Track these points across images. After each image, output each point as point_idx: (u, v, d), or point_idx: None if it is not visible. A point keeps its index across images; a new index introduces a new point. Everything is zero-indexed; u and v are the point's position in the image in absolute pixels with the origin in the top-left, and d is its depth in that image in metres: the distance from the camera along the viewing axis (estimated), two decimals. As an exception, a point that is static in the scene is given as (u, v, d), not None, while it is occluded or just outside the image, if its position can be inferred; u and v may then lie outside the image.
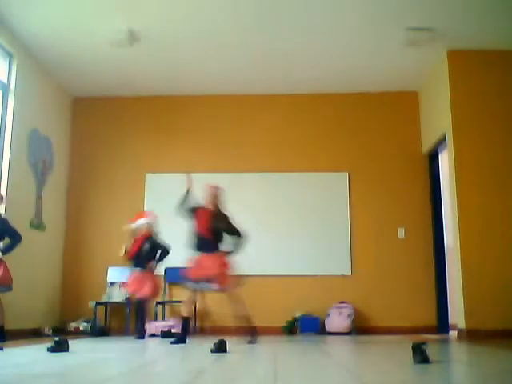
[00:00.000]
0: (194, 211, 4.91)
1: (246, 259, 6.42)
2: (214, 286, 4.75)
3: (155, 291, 5.77)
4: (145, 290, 5.61)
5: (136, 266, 5.69)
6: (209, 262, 4.76)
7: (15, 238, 4.85)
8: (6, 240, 4.85)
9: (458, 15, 5.27)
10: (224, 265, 4.79)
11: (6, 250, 4.83)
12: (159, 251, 5.73)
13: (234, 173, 6.88)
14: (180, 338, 4.76)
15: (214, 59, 6.21)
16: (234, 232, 4.88)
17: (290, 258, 6.66)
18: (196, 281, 4.76)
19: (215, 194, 4.96)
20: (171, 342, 4.71)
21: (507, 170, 5.67)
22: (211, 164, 6.90)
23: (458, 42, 5.78)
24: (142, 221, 5.77)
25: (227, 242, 4.88)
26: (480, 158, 5.71)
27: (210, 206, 4.92)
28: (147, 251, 5.69)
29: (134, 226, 5.78)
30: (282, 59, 6.22)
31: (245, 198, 6.76)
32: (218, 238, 4.86)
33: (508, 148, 5.71)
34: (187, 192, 5.00)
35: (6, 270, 4.81)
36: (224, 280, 4.75)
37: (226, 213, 4.94)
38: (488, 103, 5.81)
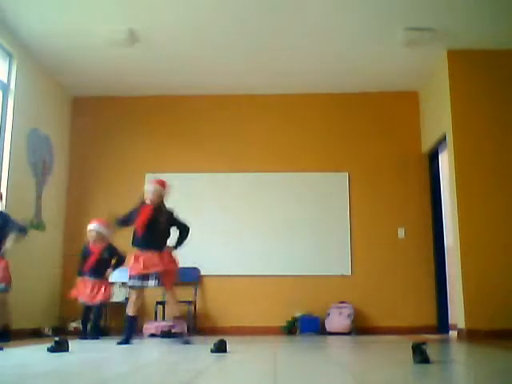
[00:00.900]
0: (136, 210, 4.82)
1: (245, 259, 6.44)
2: (158, 282, 4.63)
3: (109, 297, 5.73)
4: (101, 297, 5.56)
5: (92, 275, 5.58)
6: (155, 258, 4.64)
7: (22, 231, 4.86)
8: (11, 236, 4.83)
9: (458, 15, 5.27)
10: (171, 262, 4.72)
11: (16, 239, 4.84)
12: (115, 258, 5.69)
13: (234, 173, 6.88)
14: (125, 340, 4.66)
15: (214, 59, 6.21)
16: (181, 227, 4.80)
17: (289, 257, 6.66)
18: (139, 277, 4.64)
19: (160, 189, 4.82)
20: (118, 343, 4.61)
21: (507, 170, 5.67)
22: (211, 164, 6.90)
23: (458, 42, 5.78)
24: (97, 227, 5.64)
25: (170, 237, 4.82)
26: (480, 157, 5.71)
27: (154, 202, 4.78)
28: (106, 260, 5.64)
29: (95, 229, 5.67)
30: (282, 59, 6.22)
31: (245, 198, 6.77)
32: (165, 234, 4.77)
33: (508, 148, 5.71)
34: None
35: (6, 269, 4.80)
36: (169, 277, 4.69)
37: (169, 208, 4.84)
38: (488, 103, 5.81)
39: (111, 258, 5.68)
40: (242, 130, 7.05)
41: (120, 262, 5.70)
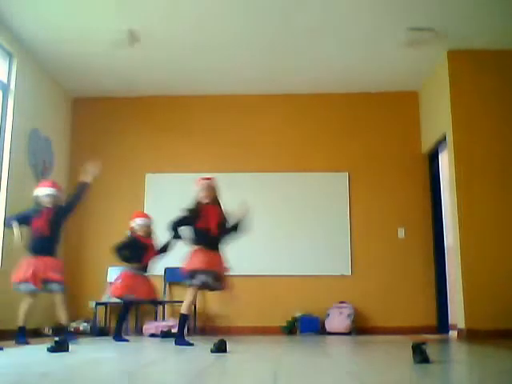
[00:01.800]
0: (196, 210, 4.69)
1: (245, 259, 6.44)
2: (216, 283, 4.57)
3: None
4: (145, 292, 5.31)
5: (144, 269, 5.31)
6: (215, 259, 4.60)
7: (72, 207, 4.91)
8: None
9: (458, 15, 5.27)
10: (225, 264, 4.69)
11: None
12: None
13: (234, 173, 6.88)
14: (178, 338, 4.52)
15: (214, 59, 6.21)
16: (237, 227, 4.74)
17: (289, 257, 6.66)
18: (198, 273, 4.51)
19: (209, 185, 4.75)
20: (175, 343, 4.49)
21: (507, 170, 5.67)
22: (211, 164, 6.89)
23: (458, 42, 5.78)
24: (148, 221, 5.42)
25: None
26: (480, 157, 5.71)
27: (208, 200, 4.71)
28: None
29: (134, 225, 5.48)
30: (282, 59, 6.22)
31: (245, 198, 6.76)
32: (224, 233, 4.72)
33: (508, 148, 5.71)
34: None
35: (61, 269, 4.74)
36: (224, 279, 4.64)
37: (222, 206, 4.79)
38: (488, 103, 5.81)
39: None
40: (242, 130, 7.05)
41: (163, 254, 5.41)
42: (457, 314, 5.72)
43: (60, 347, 3.68)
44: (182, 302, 6.34)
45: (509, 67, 5.86)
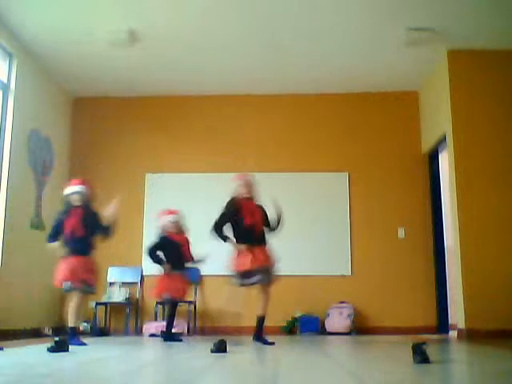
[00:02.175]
0: (236, 206, 4.65)
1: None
2: (265, 278, 4.51)
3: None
4: (180, 291, 5.18)
5: (180, 268, 5.19)
6: (263, 254, 4.57)
7: (107, 233, 4.72)
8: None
9: (458, 15, 5.27)
10: (272, 258, 4.65)
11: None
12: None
13: (234, 173, 6.85)
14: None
15: (214, 59, 6.21)
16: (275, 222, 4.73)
17: (289, 257, 6.63)
18: (248, 274, 4.48)
19: (248, 181, 4.75)
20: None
21: (507, 170, 5.67)
22: (211, 164, 6.90)
23: (458, 42, 5.78)
24: (177, 217, 5.30)
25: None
26: (480, 157, 5.71)
27: (247, 195, 4.69)
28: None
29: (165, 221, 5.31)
30: (281, 59, 6.22)
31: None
32: (267, 228, 4.69)
33: (508, 148, 5.71)
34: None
35: (94, 270, 4.68)
36: (272, 272, 4.57)
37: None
38: (488, 103, 5.81)
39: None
40: (243, 130, 7.05)
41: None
42: (457, 314, 5.72)
43: (60, 347, 3.68)
44: (182, 302, 6.31)
45: (509, 67, 5.86)
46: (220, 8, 5.17)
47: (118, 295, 6.43)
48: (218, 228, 4.68)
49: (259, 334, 4.64)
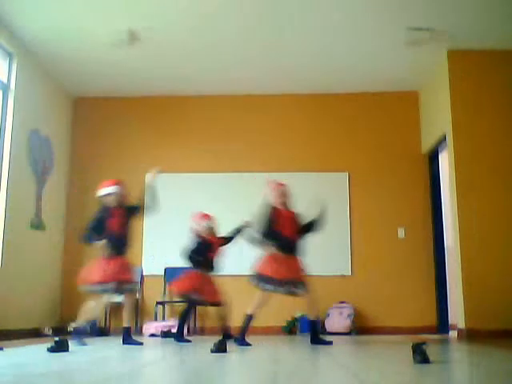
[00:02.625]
0: (272, 214, 4.59)
1: (245, 259, 6.42)
2: (299, 289, 4.48)
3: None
4: (210, 294, 5.11)
5: (212, 269, 5.18)
6: (292, 265, 4.52)
7: (138, 209, 4.74)
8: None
9: (457, 15, 5.27)
10: (303, 268, 4.60)
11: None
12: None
13: (234, 173, 6.88)
14: (240, 338, 4.48)
15: (214, 59, 6.21)
16: (312, 225, 4.73)
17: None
18: (280, 282, 4.44)
19: (284, 191, 4.74)
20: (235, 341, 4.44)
21: (507, 170, 5.67)
22: (211, 164, 6.90)
23: (458, 42, 5.78)
24: (205, 223, 5.24)
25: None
26: (480, 158, 5.71)
27: (281, 206, 4.67)
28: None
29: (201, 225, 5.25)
30: (281, 59, 6.22)
31: (245, 198, 6.76)
32: (300, 237, 4.67)
33: (508, 148, 5.71)
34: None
35: (127, 267, 4.60)
36: (303, 283, 4.52)
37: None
38: (488, 103, 5.81)
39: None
40: (242, 130, 7.05)
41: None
42: (457, 314, 5.72)
43: (60, 347, 3.68)
44: (182, 302, 6.34)
45: (509, 67, 5.86)
46: (220, 8, 5.17)
47: (117, 295, 6.41)
48: (264, 235, 4.56)
49: (316, 335, 4.58)
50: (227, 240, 5.31)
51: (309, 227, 4.74)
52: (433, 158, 6.77)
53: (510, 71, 5.86)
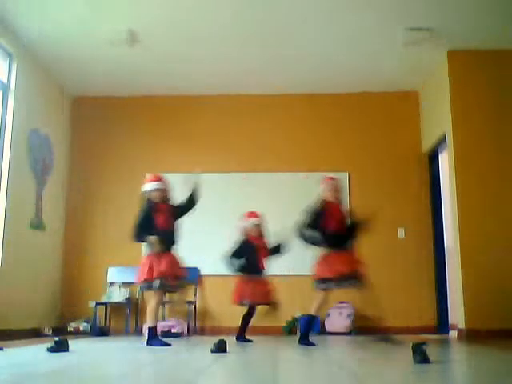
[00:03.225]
0: (323, 209, 4.63)
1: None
2: (353, 283, 4.50)
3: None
4: (260, 296, 5.10)
5: (255, 272, 5.13)
6: (345, 258, 4.53)
7: (191, 204, 4.70)
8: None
9: (457, 15, 5.27)
10: (359, 261, 4.61)
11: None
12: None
13: (234, 173, 6.88)
14: (303, 338, 4.52)
15: (214, 59, 6.21)
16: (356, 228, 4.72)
17: (289, 257, 6.62)
18: (334, 279, 4.46)
19: (336, 186, 4.73)
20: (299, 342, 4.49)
21: (507, 170, 5.67)
22: (211, 164, 6.89)
23: (458, 42, 5.78)
24: (253, 221, 5.24)
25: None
26: (480, 157, 5.71)
27: (334, 200, 4.68)
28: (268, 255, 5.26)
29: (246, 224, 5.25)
30: (281, 59, 6.22)
31: (245, 197, 6.76)
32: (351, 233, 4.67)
33: (508, 148, 5.71)
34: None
35: (175, 262, 4.54)
36: (361, 276, 4.53)
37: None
38: (488, 103, 5.81)
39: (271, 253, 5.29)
40: (242, 130, 7.05)
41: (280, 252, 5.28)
42: (457, 314, 5.71)
43: (60, 347, 3.68)
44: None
45: (509, 67, 5.86)
46: (220, 9, 5.17)
47: (118, 295, 6.43)
48: (308, 227, 4.61)
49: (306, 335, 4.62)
50: (271, 253, 5.26)
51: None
52: (433, 157, 6.77)
53: (510, 71, 5.86)
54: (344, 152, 6.92)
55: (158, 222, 4.52)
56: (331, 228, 4.57)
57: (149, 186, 4.64)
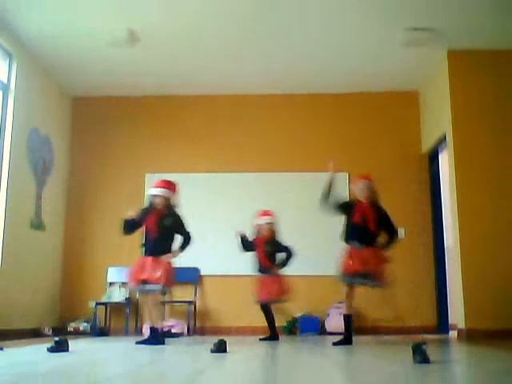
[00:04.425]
0: (352, 205, 4.70)
1: (245, 259, 6.43)
2: (374, 281, 4.50)
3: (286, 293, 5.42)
4: (270, 294, 5.28)
5: (261, 272, 5.35)
6: (371, 256, 4.53)
7: (186, 239, 4.65)
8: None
9: (457, 15, 5.27)
10: (384, 259, 4.61)
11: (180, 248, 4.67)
12: (281, 254, 5.42)
13: (234, 173, 6.88)
14: (345, 339, 4.56)
15: (214, 59, 6.21)
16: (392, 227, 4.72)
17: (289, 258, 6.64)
18: (355, 275, 4.50)
19: (370, 186, 4.76)
20: (334, 343, 4.53)
21: (507, 170, 5.67)
22: (211, 164, 6.90)
23: (458, 42, 5.78)
24: (265, 219, 5.37)
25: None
26: (480, 157, 5.71)
27: (365, 200, 4.71)
28: (271, 254, 5.38)
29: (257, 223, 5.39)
30: (281, 59, 6.22)
31: (244, 198, 6.76)
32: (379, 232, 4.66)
33: (508, 148, 5.71)
34: (329, 186, 4.78)
35: (167, 270, 4.53)
36: (383, 275, 4.54)
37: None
38: (488, 103, 5.81)
39: (275, 251, 5.39)
40: (242, 130, 7.05)
41: (288, 257, 5.40)
42: (457, 314, 5.71)
43: (60, 347, 3.68)
44: (182, 301, 6.40)
45: (509, 67, 5.86)
46: (220, 9, 5.17)
47: (117, 295, 6.42)
48: (336, 206, 4.70)
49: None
50: (278, 265, 5.40)
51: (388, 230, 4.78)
52: (433, 157, 6.77)
53: (510, 71, 5.86)
54: (344, 152, 6.92)
55: (147, 224, 4.60)
56: (356, 220, 4.60)
57: (153, 191, 4.69)
